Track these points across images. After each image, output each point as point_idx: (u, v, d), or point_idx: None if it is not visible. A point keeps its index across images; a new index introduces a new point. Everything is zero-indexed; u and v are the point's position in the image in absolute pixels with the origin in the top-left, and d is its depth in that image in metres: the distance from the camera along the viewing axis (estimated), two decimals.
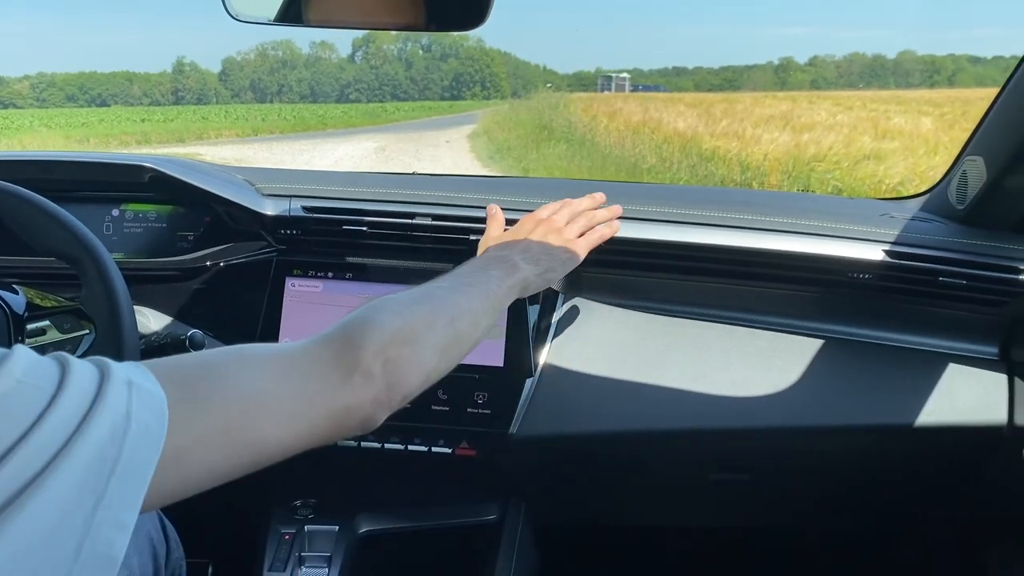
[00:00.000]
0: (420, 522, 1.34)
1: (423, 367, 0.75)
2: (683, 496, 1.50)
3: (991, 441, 1.24)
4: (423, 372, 0.75)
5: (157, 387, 0.54)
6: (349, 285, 1.32)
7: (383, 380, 0.69)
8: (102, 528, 0.47)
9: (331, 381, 0.67)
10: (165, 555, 1.12)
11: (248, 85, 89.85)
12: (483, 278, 0.92)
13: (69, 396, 0.48)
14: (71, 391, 0.49)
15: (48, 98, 72.94)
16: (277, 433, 0.62)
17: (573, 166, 14.64)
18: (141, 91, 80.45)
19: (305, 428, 0.64)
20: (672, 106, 22.67)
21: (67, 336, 1.06)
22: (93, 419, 0.48)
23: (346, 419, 0.68)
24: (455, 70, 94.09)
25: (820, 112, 20.05)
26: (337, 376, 0.67)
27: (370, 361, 0.69)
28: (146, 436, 0.51)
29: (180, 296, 1.38)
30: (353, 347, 0.69)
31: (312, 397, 0.65)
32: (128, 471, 0.49)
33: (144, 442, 0.51)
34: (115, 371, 0.52)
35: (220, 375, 0.61)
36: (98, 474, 0.47)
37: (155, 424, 0.52)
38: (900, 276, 1.23)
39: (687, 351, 1.29)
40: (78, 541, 0.46)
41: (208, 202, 1.35)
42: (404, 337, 0.73)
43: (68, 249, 1.00)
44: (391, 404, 0.71)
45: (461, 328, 0.82)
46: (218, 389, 0.60)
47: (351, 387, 0.67)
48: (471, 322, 0.84)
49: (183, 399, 0.56)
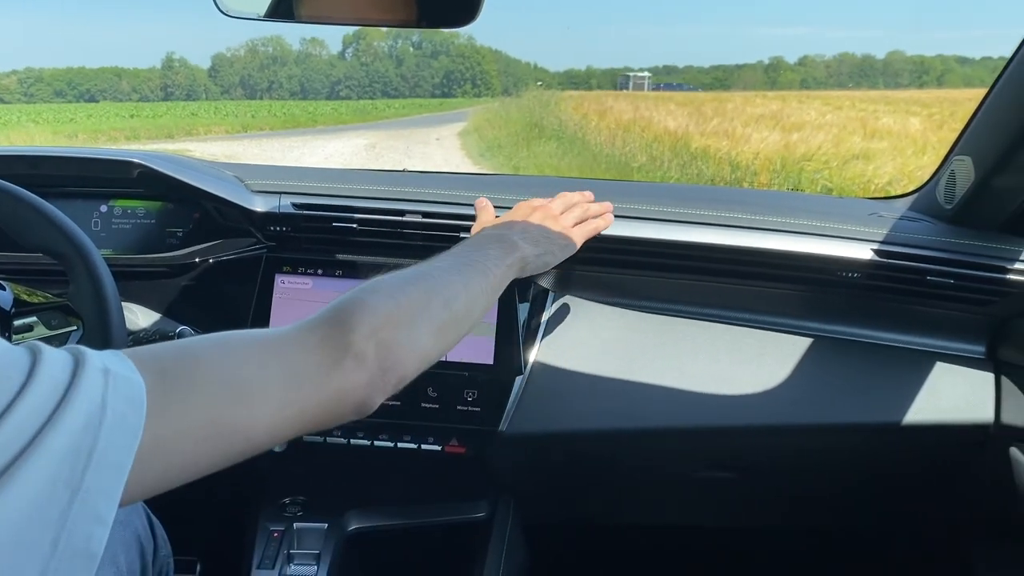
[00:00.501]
0: (409, 520, 1.34)
1: (418, 349, 0.73)
2: (671, 494, 1.51)
3: (978, 439, 1.25)
4: (418, 354, 0.73)
5: (136, 374, 0.53)
6: (339, 282, 1.32)
7: (376, 363, 0.67)
8: (79, 522, 0.46)
9: (321, 365, 0.65)
10: (153, 552, 1.11)
11: (238, 81, 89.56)
12: (480, 256, 0.90)
13: (39, 385, 0.47)
14: (42, 380, 0.47)
15: (36, 93, 72.53)
16: (265, 421, 0.60)
17: (564, 164, 14.65)
18: (130, 87, 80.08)
19: (294, 415, 0.62)
20: (662, 105, 22.70)
21: (54, 332, 1.06)
22: (66, 409, 0.47)
23: (339, 404, 0.66)
24: (446, 67, 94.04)
25: (810, 112, 20.11)
26: (327, 360, 0.65)
27: (362, 344, 0.67)
28: (123, 425, 0.50)
29: (169, 293, 1.38)
30: (344, 330, 0.67)
31: (301, 382, 0.63)
32: (105, 462, 0.48)
33: (121, 432, 0.49)
34: (90, 359, 0.51)
35: (202, 362, 0.59)
36: (73, 466, 0.46)
37: (132, 413, 0.51)
38: (888, 275, 1.24)
39: (677, 349, 1.29)
40: (54, 535, 0.45)
41: (197, 198, 1.34)
42: (398, 319, 0.72)
43: (56, 245, 1.00)
44: (386, 388, 0.69)
45: (457, 309, 0.80)
46: (200, 376, 0.58)
47: (343, 371, 0.65)
48: (468, 302, 0.83)
49: (163, 387, 0.54)
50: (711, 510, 1.56)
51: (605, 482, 1.48)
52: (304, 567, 1.23)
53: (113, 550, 0.98)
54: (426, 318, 0.75)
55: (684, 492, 1.49)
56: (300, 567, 1.23)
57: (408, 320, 0.73)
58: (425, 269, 0.83)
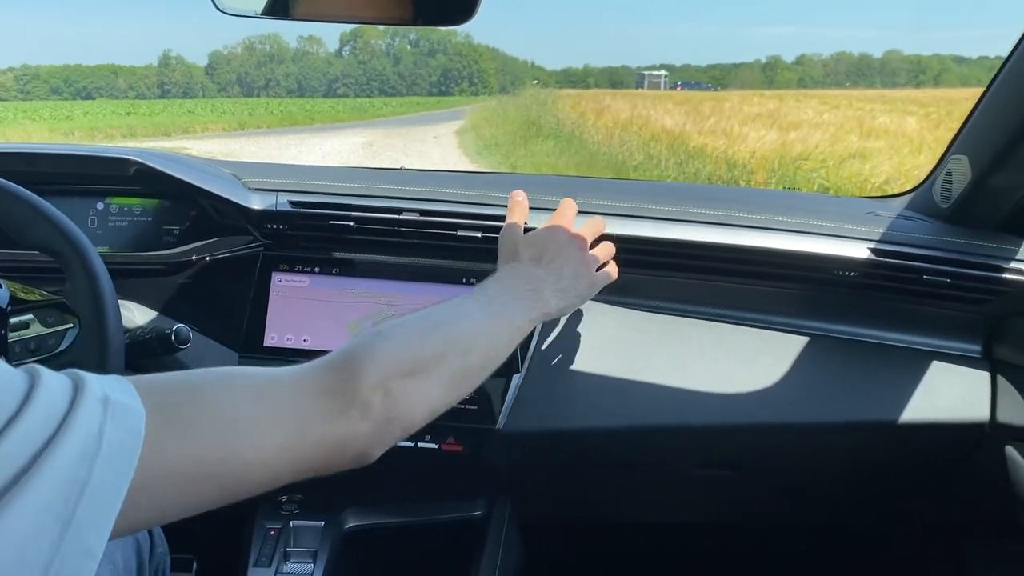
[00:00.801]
0: (406, 518, 1.33)
1: (428, 401, 0.71)
2: (669, 492, 1.51)
3: (973, 438, 1.25)
4: (427, 406, 0.71)
5: (137, 402, 0.52)
6: (335, 280, 1.32)
7: (382, 413, 0.65)
8: (69, 556, 0.44)
9: (325, 413, 0.63)
10: (149, 550, 1.11)
11: (235, 79, 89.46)
12: (510, 307, 0.87)
13: (35, 412, 0.46)
14: (38, 406, 0.46)
15: (32, 90, 72.42)
16: (261, 464, 0.59)
17: (561, 162, 14.66)
18: (127, 84, 79.98)
19: (292, 460, 0.61)
20: (660, 103, 22.70)
21: (51, 330, 1.06)
22: (63, 437, 0.46)
23: (339, 453, 0.64)
24: (443, 66, 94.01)
25: (807, 111, 20.16)
26: (332, 407, 0.63)
27: (369, 393, 0.65)
28: (117, 458, 0.48)
29: (165, 290, 1.38)
30: (352, 377, 0.65)
31: (303, 429, 0.61)
32: (97, 496, 0.46)
33: (115, 464, 0.48)
34: (90, 387, 0.50)
35: (203, 399, 0.58)
36: (66, 498, 0.45)
37: (129, 444, 0.49)
38: (885, 274, 1.24)
39: (673, 347, 1.29)
40: (43, 568, 0.43)
41: (194, 196, 1.34)
42: (410, 368, 0.69)
43: (52, 243, 1.00)
44: (389, 439, 0.67)
45: (473, 361, 0.78)
46: (199, 414, 0.56)
47: (347, 420, 0.63)
48: (486, 355, 0.80)
49: (160, 422, 0.53)
50: (708, 508, 1.56)
51: (603, 480, 1.48)
52: (301, 565, 1.23)
53: (110, 548, 0.98)
54: (440, 369, 0.73)
55: (682, 490, 1.49)
56: (297, 565, 1.23)
57: (421, 370, 0.70)
58: (447, 315, 0.80)
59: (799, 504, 1.53)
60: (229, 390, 0.60)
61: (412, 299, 1.30)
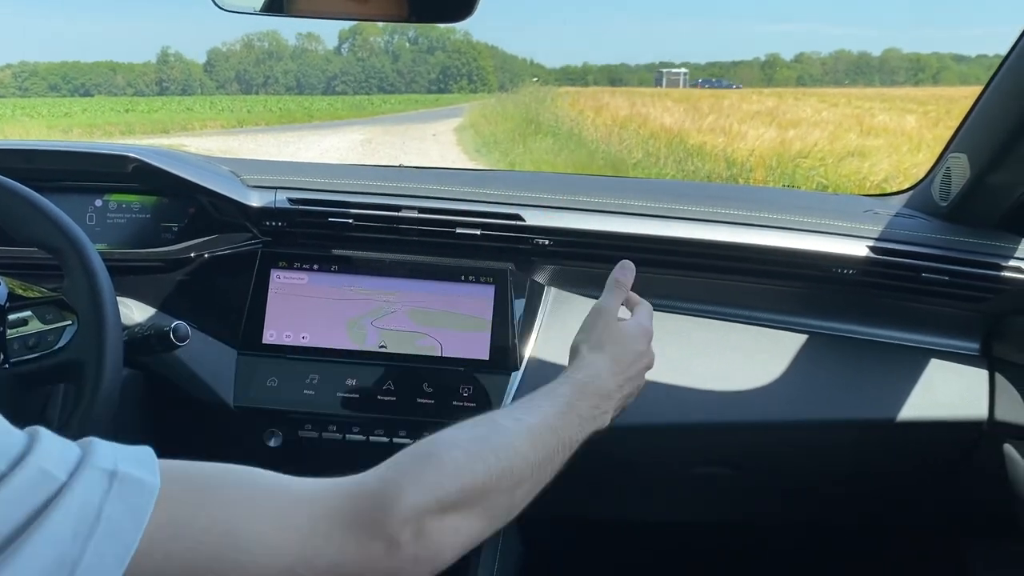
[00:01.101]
0: None
1: (463, 539, 0.63)
2: (667, 490, 1.51)
3: (972, 436, 1.26)
4: (462, 544, 0.63)
5: (154, 476, 0.48)
6: (335, 277, 1.32)
7: (412, 550, 0.58)
8: None
9: (343, 543, 0.56)
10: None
11: (234, 76, 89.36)
12: (573, 429, 0.80)
13: (23, 477, 0.42)
14: (27, 472, 0.43)
15: (30, 87, 72.32)
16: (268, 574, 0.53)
17: (560, 160, 14.64)
18: (125, 81, 79.88)
19: None
20: (659, 101, 22.70)
21: (49, 327, 1.06)
22: (54, 511, 0.43)
23: None
24: (442, 63, 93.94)
25: (806, 109, 20.14)
26: (353, 538, 0.56)
27: (398, 528, 0.57)
28: (115, 539, 0.45)
29: (164, 288, 1.37)
30: (383, 506, 0.57)
31: (320, 550, 0.55)
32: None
33: (111, 544, 0.45)
34: (98, 457, 0.46)
35: (218, 500, 0.53)
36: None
37: (130, 524, 0.46)
38: (884, 272, 1.24)
39: (672, 346, 1.29)
40: None
41: (193, 193, 1.34)
42: (453, 502, 0.61)
43: (50, 239, 0.99)
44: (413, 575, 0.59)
45: (520, 495, 0.70)
46: (210, 514, 0.52)
47: (368, 552, 0.56)
48: (535, 485, 0.72)
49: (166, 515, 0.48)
50: (707, 506, 1.56)
51: (600, 478, 1.47)
52: None
53: None
54: (485, 505, 0.65)
55: (680, 488, 1.49)
56: None
57: (464, 505, 0.63)
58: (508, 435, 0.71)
59: (797, 501, 1.53)
60: (252, 496, 0.55)
61: (411, 296, 1.30)
